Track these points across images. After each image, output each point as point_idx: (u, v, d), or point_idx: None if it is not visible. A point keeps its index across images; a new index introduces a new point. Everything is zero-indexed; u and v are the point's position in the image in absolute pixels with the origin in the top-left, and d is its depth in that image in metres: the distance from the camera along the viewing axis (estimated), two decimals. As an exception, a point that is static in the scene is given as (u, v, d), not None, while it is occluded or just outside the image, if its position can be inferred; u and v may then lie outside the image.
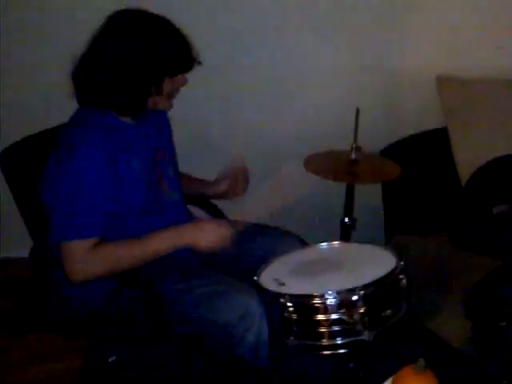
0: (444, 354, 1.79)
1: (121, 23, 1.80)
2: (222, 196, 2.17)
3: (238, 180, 2.14)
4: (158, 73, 1.80)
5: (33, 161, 1.92)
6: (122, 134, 1.84)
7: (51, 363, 2.45)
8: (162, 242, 1.82)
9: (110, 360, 1.86)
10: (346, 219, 2.31)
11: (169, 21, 1.83)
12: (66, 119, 1.88)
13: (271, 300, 1.64)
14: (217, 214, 2.28)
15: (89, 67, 1.80)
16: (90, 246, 1.74)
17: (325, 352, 1.61)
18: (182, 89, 1.91)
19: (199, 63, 1.89)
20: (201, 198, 2.25)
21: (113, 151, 1.77)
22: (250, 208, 2.60)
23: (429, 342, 1.91)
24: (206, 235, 1.84)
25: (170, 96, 1.89)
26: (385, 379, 1.49)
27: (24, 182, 1.93)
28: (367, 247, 1.84)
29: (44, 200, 1.82)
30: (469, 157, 2.52)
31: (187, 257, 1.94)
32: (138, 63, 1.77)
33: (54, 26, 2.62)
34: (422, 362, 1.42)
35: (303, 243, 2.05)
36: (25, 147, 1.99)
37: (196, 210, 2.23)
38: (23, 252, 2.03)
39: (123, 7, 1.84)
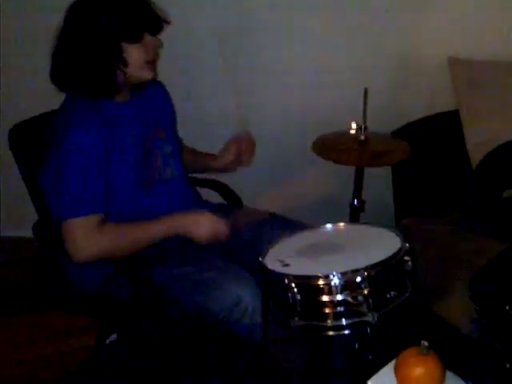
0: (448, 337, 1.79)
1: (76, 7, 1.79)
2: (229, 168, 2.14)
3: (243, 148, 2.10)
4: (111, 40, 1.75)
5: (40, 138, 1.92)
6: (113, 112, 1.82)
7: (60, 342, 2.49)
8: (162, 229, 1.83)
9: (107, 341, 1.91)
10: (355, 201, 2.31)
11: None
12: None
13: (275, 281, 1.64)
14: (228, 194, 2.28)
15: (56, 59, 1.81)
16: (91, 225, 1.74)
17: (329, 333, 1.60)
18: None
19: (166, 22, 1.83)
20: (212, 181, 2.26)
21: (103, 129, 1.76)
22: (259, 192, 2.60)
23: (433, 324, 1.90)
24: (203, 229, 1.85)
25: (147, 63, 1.82)
26: (388, 361, 1.49)
27: (32, 157, 1.94)
28: (372, 228, 1.82)
29: (41, 183, 1.83)
30: (480, 140, 2.50)
31: (183, 241, 1.93)
32: (89, 37, 1.74)
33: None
34: (425, 343, 1.41)
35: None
36: (33, 125, 2.01)
37: (206, 192, 2.24)
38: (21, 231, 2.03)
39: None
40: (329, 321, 1.58)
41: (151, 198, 1.90)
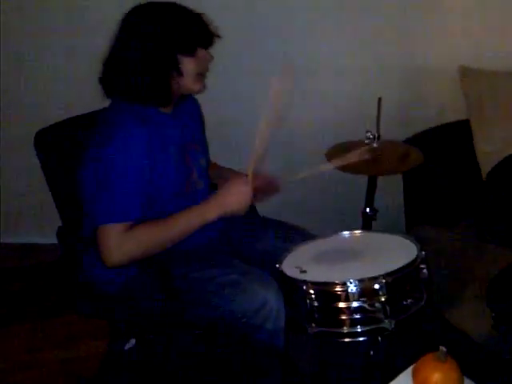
0: (462, 344, 1.79)
1: (132, 18, 1.84)
2: None
3: (264, 189, 2.04)
4: (169, 52, 1.80)
5: (67, 143, 1.97)
6: (158, 123, 1.85)
7: (74, 347, 2.48)
8: (191, 220, 1.83)
9: (126, 348, 1.91)
10: (368, 209, 2.31)
11: (175, 3, 1.85)
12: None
13: (293, 287, 1.65)
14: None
15: (111, 66, 1.84)
16: (124, 229, 1.75)
17: (345, 339, 1.62)
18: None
19: (218, 37, 1.88)
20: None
21: (149, 139, 1.79)
22: (271, 201, 2.61)
23: (447, 331, 1.91)
24: (231, 202, 1.84)
25: (198, 76, 1.87)
26: (405, 367, 1.49)
27: (58, 163, 1.96)
28: (389, 236, 1.85)
29: (83, 186, 1.85)
30: (490, 149, 2.50)
31: (204, 246, 1.96)
32: (147, 47, 1.78)
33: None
34: (443, 349, 1.42)
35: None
36: (59, 129, 2.03)
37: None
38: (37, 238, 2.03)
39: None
40: (345, 327, 1.60)
41: (182, 208, 1.89)
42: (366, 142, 2.16)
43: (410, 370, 1.48)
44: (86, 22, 2.74)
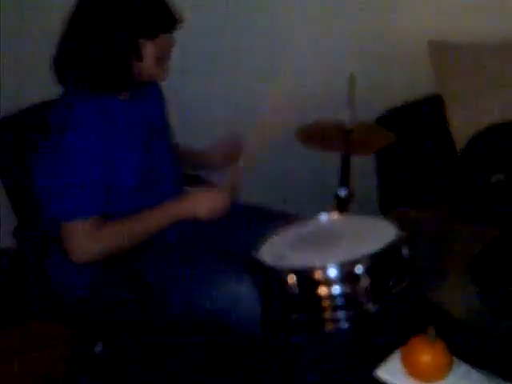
0: (449, 323, 1.77)
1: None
2: (216, 167, 2.16)
3: (231, 151, 2.13)
4: (129, 35, 1.73)
5: (18, 138, 1.90)
6: (114, 110, 1.78)
7: (37, 353, 2.41)
8: (162, 218, 1.80)
9: (95, 351, 1.86)
10: (342, 192, 2.27)
11: None
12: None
13: (271, 275, 1.60)
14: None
15: (66, 49, 1.77)
16: (91, 225, 1.70)
17: (329, 325, 1.57)
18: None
19: (180, 21, 1.82)
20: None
21: (105, 128, 1.73)
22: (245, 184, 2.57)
23: (433, 311, 1.89)
24: (204, 206, 1.83)
25: (160, 61, 1.81)
26: (393, 349, 1.48)
27: (10, 160, 1.90)
28: (367, 219, 1.81)
29: (39, 183, 1.78)
30: (464, 124, 2.49)
31: (177, 241, 1.92)
32: (106, 30, 1.72)
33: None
34: (432, 330, 1.41)
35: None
36: (7, 125, 1.96)
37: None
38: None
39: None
40: (327, 313, 1.56)
41: (149, 198, 1.86)
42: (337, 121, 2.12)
43: (397, 352, 1.46)
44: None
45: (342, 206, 2.30)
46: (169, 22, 1.79)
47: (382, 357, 1.48)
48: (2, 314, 2.55)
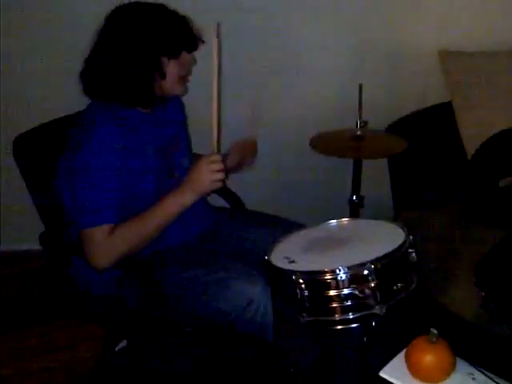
0: (454, 325, 1.79)
1: (117, 17, 1.83)
2: (232, 170, 2.16)
3: (247, 151, 2.16)
4: (153, 54, 1.80)
5: (46, 148, 1.96)
6: (135, 123, 1.85)
7: (67, 352, 2.48)
8: (168, 209, 1.82)
9: (116, 349, 1.89)
10: (354, 197, 2.32)
11: (162, 5, 1.85)
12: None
13: (282, 278, 1.64)
14: (236, 201, 2.29)
15: (93, 64, 1.84)
16: (107, 231, 1.75)
17: (337, 327, 1.61)
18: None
19: (202, 41, 1.89)
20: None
21: (124, 141, 1.79)
22: (256, 190, 2.61)
23: (439, 313, 1.91)
24: (204, 181, 1.80)
25: (181, 79, 1.88)
26: (398, 351, 1.51)
27: (38, 169, 1.95)
28: (376, 223, 1.84)
29: (61, 197, 1.86)
30: (474, 131, 2.52)
31: (192, 244, 1.96)
32: (132, 48, 1.78)
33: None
34: (434, 331, 1.43)
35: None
36: (37, 135, 2.01)
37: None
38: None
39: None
40: (337, 315, 1.59)
41: None
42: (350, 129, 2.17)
43: (403, 353, 1.49)
44: (66, 20, 2.67)
45: (355, 210, 2.36)
46: (191, 42, 1.87)
47: (388, 358, 1.51)
48: (41, 313, 2.65)
